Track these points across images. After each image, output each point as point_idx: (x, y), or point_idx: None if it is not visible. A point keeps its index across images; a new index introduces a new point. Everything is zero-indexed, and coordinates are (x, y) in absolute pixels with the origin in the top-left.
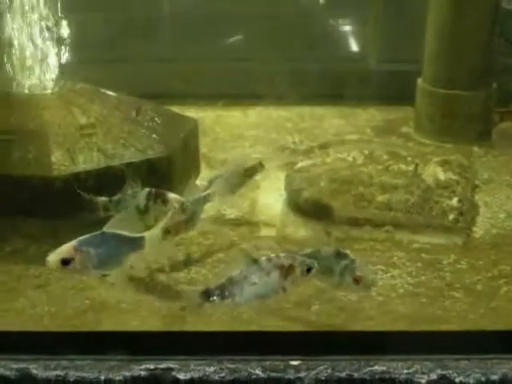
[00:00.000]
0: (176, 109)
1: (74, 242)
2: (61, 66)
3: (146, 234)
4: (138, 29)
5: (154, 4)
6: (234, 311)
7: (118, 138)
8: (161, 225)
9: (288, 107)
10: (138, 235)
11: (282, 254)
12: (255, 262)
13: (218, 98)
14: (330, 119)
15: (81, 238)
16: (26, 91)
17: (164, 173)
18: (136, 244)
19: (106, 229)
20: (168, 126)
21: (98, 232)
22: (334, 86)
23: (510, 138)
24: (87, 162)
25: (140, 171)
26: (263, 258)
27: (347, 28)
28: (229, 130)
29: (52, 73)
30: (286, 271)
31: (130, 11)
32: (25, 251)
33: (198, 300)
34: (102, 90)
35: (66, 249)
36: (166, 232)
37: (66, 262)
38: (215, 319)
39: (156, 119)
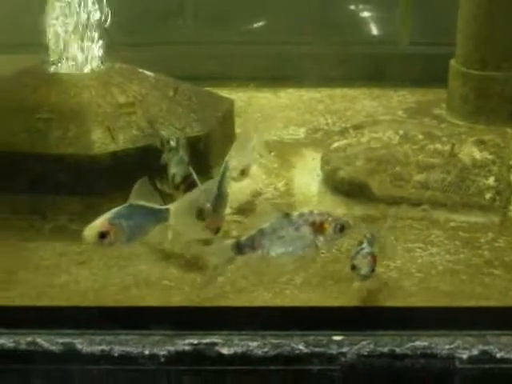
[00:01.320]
0: None
1: (107, 215)
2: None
3: (172, 207)
4: (171, 11)
5: None
6: (275, 287)
7: (156, 116)
8: (187, 198)
9: (319, 89)
10: (163, 207)
11: (316, 211)
12: (287, 216)
13: (249, 79)
14: (361, 101)
15: (112, 210)
16: (66, 71)
17: (202, 151)
18: (161, 216)
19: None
20: (205, 106)
21: (126, 204)
22: (366, 68)
23: None
24: (127, 140)
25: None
26: (295, 213)
27: (379, 10)
28: (261, 111)
29: (91, 53)
30: (318, 228)
31: None
32: (66, 228)
33: (230, 254)
34: (140, 70)
35: (101, 222)
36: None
37: (103, 236)
38: (258, 295)
39: (193, 99)
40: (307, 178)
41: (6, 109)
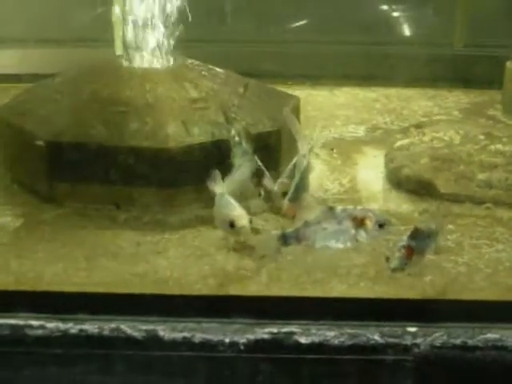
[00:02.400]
0: None
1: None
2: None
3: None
4: (224, 9)
5: None
6: (349, 279)
7: (228, 112)
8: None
9: (374, 88)
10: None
11: (360, 207)
12: (331, 209)
13: (304, 78)
14: (416, 101)
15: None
16: (140, 66)
17: (273, 147)
18: None
19: None
20: (274, 102)
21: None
22: (420, 69)
23: None
24: (201, 134)
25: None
26: (339, 207)
27: (435, 11)
28: (320, 109)
29: (164, 48)
30: (359, 223)
31: None
32: (140, 219)
33: (276, 245)
34: (210, 66)
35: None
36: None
37: None
38: (333, 286)
39: (262, 95)
40: (371, 174)
41: (82, 101)
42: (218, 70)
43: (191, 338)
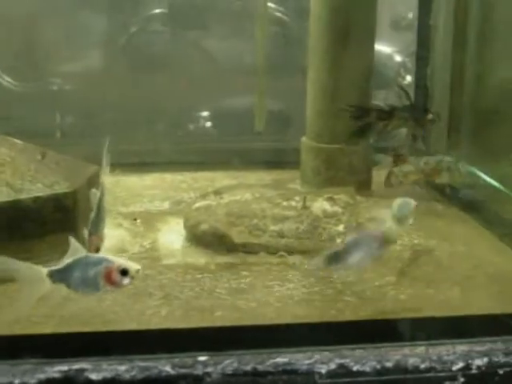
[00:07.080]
0: None
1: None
2: None
3: None
4: None
5: None
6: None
7: (25, 175)
8: None
9: (182, 173)
10: None
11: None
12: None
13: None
14: (221, 180)
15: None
16: None
17: (69, 208)
18: None
19: None
20: (72, 169)
21: None
22: (223, 155)
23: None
24: None
25: (47, 205)
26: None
27: (237, 100)
28: (128, 191)
29: None
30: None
31: None
32: None
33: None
34: (8, 138)
35: None
36: None
37: None
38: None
39: (61, 163)
40: (171, 236)
41: None
42: (16, 140)
43: None
